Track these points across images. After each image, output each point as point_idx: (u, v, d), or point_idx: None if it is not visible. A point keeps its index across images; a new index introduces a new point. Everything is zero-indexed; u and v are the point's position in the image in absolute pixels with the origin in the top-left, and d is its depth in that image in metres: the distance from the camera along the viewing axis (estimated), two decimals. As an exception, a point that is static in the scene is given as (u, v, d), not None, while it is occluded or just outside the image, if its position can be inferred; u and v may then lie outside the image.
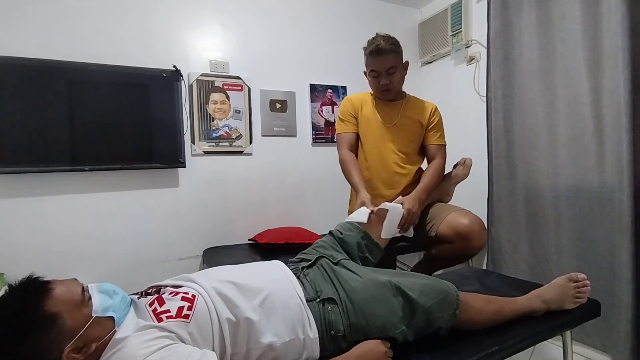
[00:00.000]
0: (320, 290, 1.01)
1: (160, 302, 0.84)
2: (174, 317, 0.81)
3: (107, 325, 0.78)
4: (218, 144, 2.31)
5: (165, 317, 0.80)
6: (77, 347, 0.73)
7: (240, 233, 2.34)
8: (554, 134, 1.91)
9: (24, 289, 0.74)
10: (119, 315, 0.80)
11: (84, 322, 0.75)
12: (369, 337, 0.95)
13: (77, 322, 0.74)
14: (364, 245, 1.31)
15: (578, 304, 1.20)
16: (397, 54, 1.60)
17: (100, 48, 2.01)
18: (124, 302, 0.84)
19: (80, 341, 0.74)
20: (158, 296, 0.86)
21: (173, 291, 0.88)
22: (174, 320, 0.80)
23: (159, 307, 0.83)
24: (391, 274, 1.09)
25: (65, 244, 1.93)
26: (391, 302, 0.98)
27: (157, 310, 0.82)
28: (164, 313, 0.81)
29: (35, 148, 1.81)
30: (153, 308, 0.83)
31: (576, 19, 1.77)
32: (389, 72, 1.60)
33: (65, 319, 0.73)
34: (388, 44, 1.56)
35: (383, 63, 1.59)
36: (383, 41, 1.56)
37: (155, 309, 0.82)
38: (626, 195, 1.55)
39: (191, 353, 0.74)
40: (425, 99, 1.83)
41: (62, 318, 0.73)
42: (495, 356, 1.01)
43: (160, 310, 0.82)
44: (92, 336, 0.75)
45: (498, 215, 2.22)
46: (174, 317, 0.81)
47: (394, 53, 1.59)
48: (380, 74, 1.61)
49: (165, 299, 0.85)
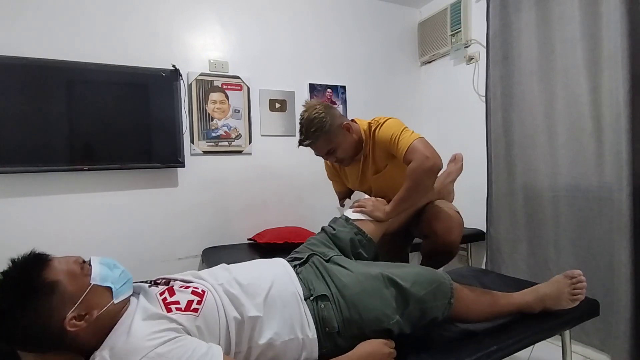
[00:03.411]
0: (313, 288, 1.01)
1: (170, 292, 0.85)
2: (182, 309, 0.81)
3: (106, 295, 0.80)
4: (217, 144, 2.31)
5: (174, 308, 0.81)
6: (79, 314, 0.75)
7: (240, 233, 2.34)
8: (553, 134, 1.92)
9: (24, 261, 0.76)
10: (117, 287, 0.82)
11: (83, 289, 0.76)
12: (364, 330, 0.95)
13: (76, 289, 0.76)
14: (357, 240, 1.31)
15: (576, 301, 1.19)
16: (325, 134, 1.41)
17: (99, 48, 2.00)
18: (124, 277, 0.85)
19: (82, 309, 0.75)
20: (169, 287, 0.87)
21: (183, 285, 0.89)
22: (183, 312, 0.80)
23: (169, 297, 0.84)
24: (383, 266, 1.09)
25: (64, 243, 1.92)
26: (383, 293, 0.98)
27: (167, 300, 0.83)
28: (174, 304, 0.82)
29: (33, 148, 1.81)
30: (163, 297, 0.83)
31: (575, 19, 1.78)
32: (328, 154, 1.49)
33: (65, 286, 0.75)
34: (311, 133, 1.41)
35: (317, 151, 1.49)
36: (305, 131, 1.42)
37: (165, 299, 0.83)
38: (625, 195, 1.55)
39: (197, 346, 0.75)
40: (425, 99, 1.81)
41: (62, 285, 0.74)
42: (494, 355, 1.01)
43: (170, 300, 0.83)
44: (92, 303, 0.77)
45: (497, 214, 2.22)
46: (182, 309, 0.81)
47: (322, 137, 1.42)
48: (322, 156, 1.53)
49: (176, 290, 0.86)
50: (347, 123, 1.47)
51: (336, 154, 1.48)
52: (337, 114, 1.48)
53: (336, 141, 1.45)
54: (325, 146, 1.45)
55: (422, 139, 1.38)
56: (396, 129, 1.41)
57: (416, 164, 1.32)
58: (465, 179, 1.89)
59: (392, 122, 1.45)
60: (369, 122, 1.52)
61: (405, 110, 2.87)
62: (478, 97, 2.47)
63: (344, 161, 1.54)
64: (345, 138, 1.47)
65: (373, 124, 1.50)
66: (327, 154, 1.49)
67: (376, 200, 1.40)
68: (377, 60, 2.83)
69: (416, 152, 1.33)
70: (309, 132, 1.41)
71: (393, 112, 2.84)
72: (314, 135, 1.41)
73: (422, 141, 1.37)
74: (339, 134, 1.45)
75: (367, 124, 1.52)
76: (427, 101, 2.93)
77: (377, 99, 2.81)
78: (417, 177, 1.33)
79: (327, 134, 1.42)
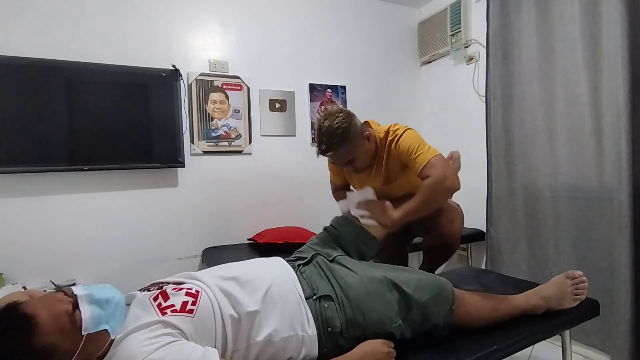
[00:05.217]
0: (317, 287, 1.01)
1: (164, 296, 0.84)
2: (178, 311, 0.81)
3: (103, 337, 0.76)
4: (217, 144, 2.31)
5: (170, 311, 0.80)
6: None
7: (240, 233, 2.34)
8: (553, 134, 1.92)
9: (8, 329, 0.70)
10: (114, 323, 0.78)
11: (78, 343, 0.73)
12: (366, 332, 0.95)
13: (70, 345, 0.72)
14: (360, 240, 1.31)
15: (578, 301, 1.20)
16: (347, 145, 1.37)
17: (99, 47, 2.00)
18: (118, 308, 0.81)
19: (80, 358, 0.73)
20: (162, 290, 0.86)
21: (176, 287, 0.88)
22: (179, 314, 0.80)
23: (163, 301, 0.82)
24: (387, 269, 1.10)
25: (64, 243, 1.92)
26: (387, 297, 0.99)
27: (161, 305, 0.82)
28: (169, 307, 0.81)
29: (34, 148, 1.81)
30: (158, 302, 0.82)
31: (575, 19, 1.78)
32: (348, 164, 1.45)
33: (59, 347, 0.71)
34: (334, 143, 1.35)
35: (337, 160, 1.45)
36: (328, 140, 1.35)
37: (160, 304, 0.82)
38: (625, 195, 1.55)
39: (193, 351, 0.74)
40: (425, 99, 1.81)
41: (55, 347, 0.71)
42: (494, 355, 1.02)
43: (165, 305, 0.82)
44: (89, 351, 0.74)
45: (497, 214, 2.22)
46: (178, 311, 0.81)
47: (344, 148, 1.37)
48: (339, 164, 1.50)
49: (169, 293, 0.85)
50: (367, 133, 1.44)
51: (354, 164, 1.45)
52: (359, 123, 1.44)
53: (356, 151, 1.41)
54: (346, 157, 1.41)
55: (441, 155, 1.36)
56: (414, 141, 1.39)
57: (433, 180, 1.30)
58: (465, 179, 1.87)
59: (411, 133, 1.43)
60: (386, 131, 1.48)
61: (405, 110, 2.87)
62: (478, 97, 2.47)
63: (360, 170, 1.53)
64: (365, 148, 1.44)
65: (390, 134, 1.47)
66: (346, 164, 1.45)
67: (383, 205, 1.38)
68: (377, 60, 2.83)
69: (435, 169, 1.31)
70: (332, 142, 1.35)
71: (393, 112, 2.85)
72: (336, 145, 1.36)
73: (441, 158, 1.35)
74: (360, 144, 1.41)
75: (383, 133, 1.49)
76: (427, 101, 2.93)
77: (377, 99, 2.81)
78: (432, 193, 1.31)
79: (349, 145, 1.37)
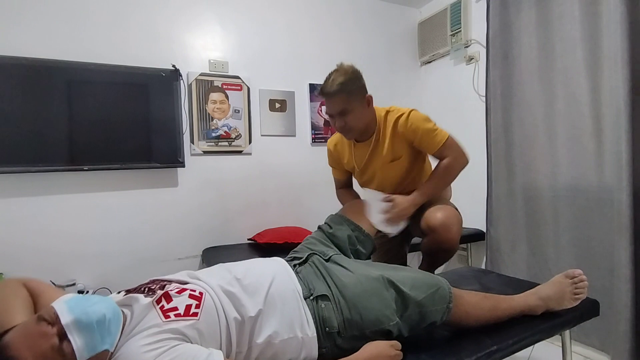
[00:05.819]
0: (313, 287, 1.01)
1: (167, 298, 0.83)
2: (182, 314, 0.80)
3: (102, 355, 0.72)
4: (217, 144, 2.31)
5: (173, 315, 0.79)
6: None
7: (240, 233, 2.34)
8: (553, 134, 1.92)
9: None
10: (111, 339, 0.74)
11: None
12: (364, 331, 0.95)
13: None
14: (354, 237, 1.31)
15: (578, 300, 1.19)
16: (347, 94, 1.40)
17: (100, 48, 2.00)
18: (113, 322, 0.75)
19: None
20: (164, 292, 0.84)
21: (179, 288, 0.87)
22: (182, 318, 0.79)
23: (166, 304, 0.81)
24: (383, 268, 1.09)
25: (64, 243, 1.92)
26: (384, 295, 0.99)
27: (164, 307, 0.80)
28: (172, 311, 0.80)
29: (34, 147, 1.81)
30: (160, 305, 0.81)
31: (575, 19, 1.78)
32: (341, 114, 1.44)
33: None
34: (335, 84, 1.39)
35: (331, 106, 1.45)
36: (331, 82, 1.40)
37: (162, 307, 0.80)
38: (625, 195, 1.55)
39: (197, 353, 0.74)
40: (425, 99, 1.81)
41: None
42: (494, 356, 1.02)
43: (168, 307, 0.80)
44: None
45: (497, 215, 2.22)
46: (182, 314, 0.80)
47: (343, 94, 1.40)
48: (333, 115, 1.47)
49: (172, 295, 0.84)
50: (369, 96, 1.49)
51: (347, 118, 1.43)
52: (364, 86, 1.49)
53: (353, 105, 1.43)
54: (341, 104, 1.41)
55: (452, 136, 1.46)
56: (427, 121, 1.47)
57: (452, 159, 1.43)
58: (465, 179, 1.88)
59: (419, 114, 1.48)
60: (387, 110, 1.54)
61: (405, 110, 2.87)
62: (478, 97, 2.47)
63: (350, 133, 1.51)
64: (363, 108, 1.47)
65: (392, 112, 1.52)
66: (339, 114, 1.43)
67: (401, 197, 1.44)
68: (377, 60, 2.83)
69: (452, 149, 1.44)
70: (334, 83, 1.39)
71: (393, 112, 2.82)
72: (337, 87, 1.39)
73: (454, 139, 1.46)
74: (358, 100, 1.45)
75: (384, 111, 1.54)
76: (427, 101, 2.92)
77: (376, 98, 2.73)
78: (451, 171, 1.45)
79: (348, 93, 1.41)
